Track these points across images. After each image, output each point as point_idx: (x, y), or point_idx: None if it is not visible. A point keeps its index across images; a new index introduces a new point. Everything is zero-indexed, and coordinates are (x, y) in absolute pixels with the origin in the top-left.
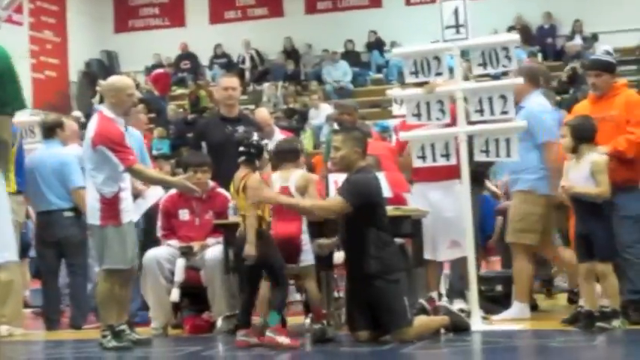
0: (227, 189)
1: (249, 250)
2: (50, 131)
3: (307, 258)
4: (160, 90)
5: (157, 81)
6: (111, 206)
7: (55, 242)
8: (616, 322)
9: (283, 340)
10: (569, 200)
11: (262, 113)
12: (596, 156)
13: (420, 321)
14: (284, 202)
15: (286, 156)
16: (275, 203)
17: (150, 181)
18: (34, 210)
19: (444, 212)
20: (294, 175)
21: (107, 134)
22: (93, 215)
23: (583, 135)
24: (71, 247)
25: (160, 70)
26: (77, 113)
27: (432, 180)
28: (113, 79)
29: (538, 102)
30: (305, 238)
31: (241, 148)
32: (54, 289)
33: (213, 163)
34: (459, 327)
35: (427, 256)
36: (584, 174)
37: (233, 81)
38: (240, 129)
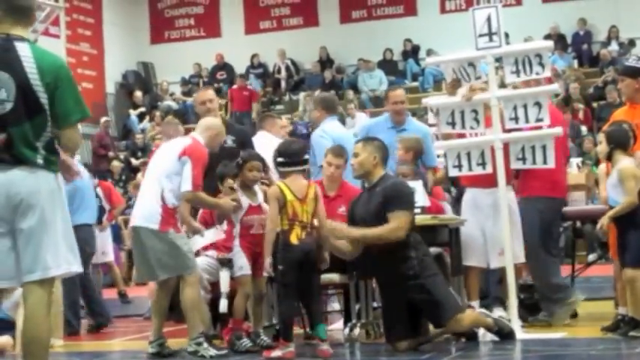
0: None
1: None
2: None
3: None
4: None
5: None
6: (171, 215)
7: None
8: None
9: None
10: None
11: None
12: (624, 163)
13: (472, 313)
14: (362, 233)
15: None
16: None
17: (206, 206)
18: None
19: (496, 219)
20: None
21: (200, 153)
22: (150, 219)
23: (616, 141)
24: (91, 257)
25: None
26: (105, 118)
27: (484, 186)
28: (213, 122)
29: (323, 128)
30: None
31: (306, 156)
32: (77, 296)
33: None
34: (503, 330)
35: (472, 263)
36: (614, 181)
37: (208, 93)
38: (228, 139)
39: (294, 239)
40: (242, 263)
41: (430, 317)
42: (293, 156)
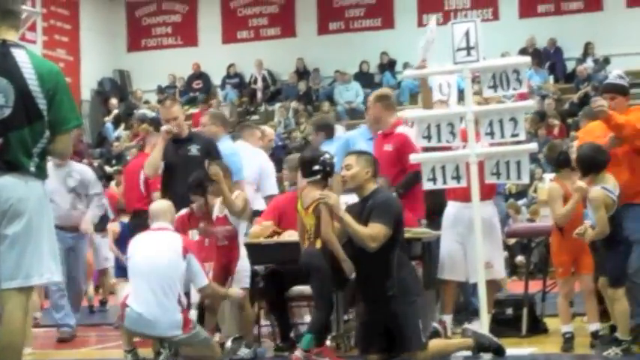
0: (180, 208)
1: (350, 266)
2: None
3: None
4: None
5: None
6: (187, 314)
7: None
8: (613, 350)
9: None
10: None
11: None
12: (593, 193)
13: (436, 343)
14: (347, 219)
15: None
16: (337, 214)
17: (219, 296)
18: None
19: (479, 232)
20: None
21: (194, 244)
22: (174, 328)
23: (586, 168)
24: None
25: None
26: None
27: (466, 200)
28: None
29: (228, 145)
30: (243, 264)
31: (316, 167)
32: None
33: (168, 184)
34: (488, 349)
35: (449, 277)
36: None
37: (172, 112)
38: (193, 148)
39: (302, 250)
40: None
41: (395, 341)
42: (301, 168)
